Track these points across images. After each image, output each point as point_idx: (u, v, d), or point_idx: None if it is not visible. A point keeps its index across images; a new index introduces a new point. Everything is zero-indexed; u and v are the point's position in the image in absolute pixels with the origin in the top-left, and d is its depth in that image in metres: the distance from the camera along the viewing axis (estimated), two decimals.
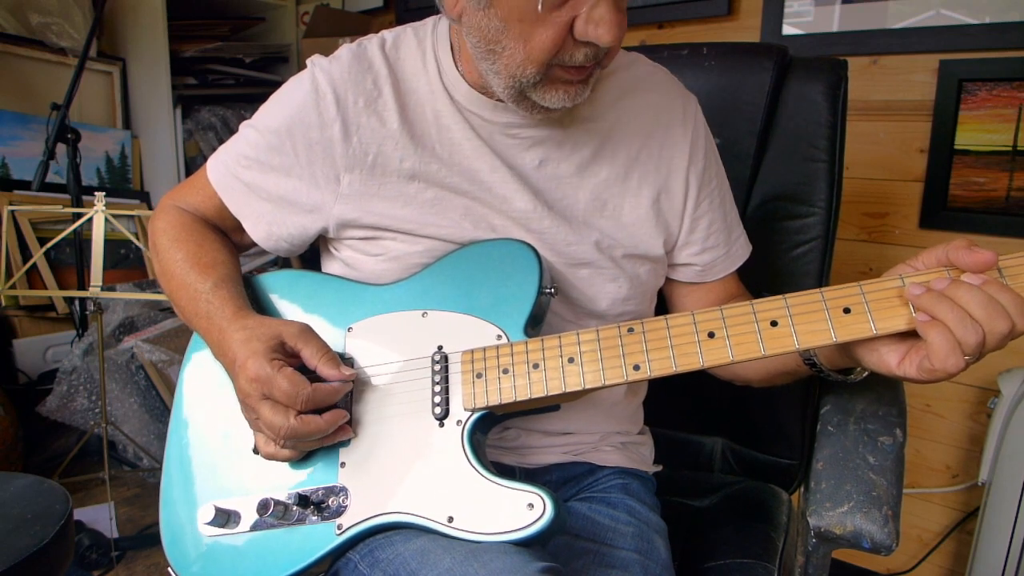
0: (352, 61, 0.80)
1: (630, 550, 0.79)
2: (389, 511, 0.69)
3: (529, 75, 0.69)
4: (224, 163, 0.86)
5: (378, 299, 0.79)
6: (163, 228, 0.86)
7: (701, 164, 0.86)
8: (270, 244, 0.86)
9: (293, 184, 0.81)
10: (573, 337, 0.69)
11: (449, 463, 0.69)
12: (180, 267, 0.82)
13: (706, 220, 0.87)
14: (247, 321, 0.74)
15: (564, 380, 0.68)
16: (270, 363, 0.68)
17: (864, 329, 0.62)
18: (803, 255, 1.05)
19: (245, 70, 2.49)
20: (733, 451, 1.15)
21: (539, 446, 0.85)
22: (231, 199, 0.86)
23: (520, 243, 0.76)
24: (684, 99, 0.88)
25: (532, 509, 0.64)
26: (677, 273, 0.90)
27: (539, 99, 0.71)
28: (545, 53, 0.67)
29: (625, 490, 0.87)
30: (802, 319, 0.63)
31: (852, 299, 0.62)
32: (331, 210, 0.81)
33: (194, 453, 0.80)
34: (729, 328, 0.65)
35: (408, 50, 0.82)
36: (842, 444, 0.75)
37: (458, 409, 0.71)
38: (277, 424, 0.68)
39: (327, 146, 0.79)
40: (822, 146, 1.03)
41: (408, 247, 0.80)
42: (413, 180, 0.79)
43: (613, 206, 0.82)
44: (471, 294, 0.75)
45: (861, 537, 0.65)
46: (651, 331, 0.67)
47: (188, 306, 0.80)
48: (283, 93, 0.84)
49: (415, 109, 0.80)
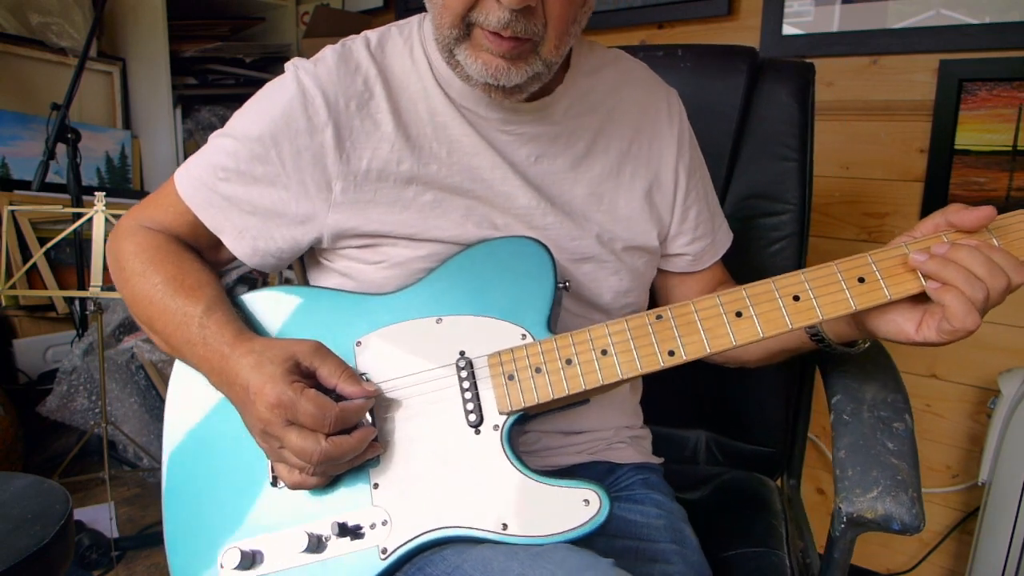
0: (339, 62, 0.77)
1: (667, 542, 0.80)
2: (437, 526, 0.67)
3: (447, 28, 0.68)
4: (197, 177, 0.79)
5: (384, 309, 0.75)
6: (132, 251, 0.79)
7: (688, 156, 0.88)
8: (255, 260, 0.80)
9: (279, 195, 0.77)
10: (602, 329, 0.69)
11: (492, 469, 0.67)
12: (160, 291, 0.75)
13: (694, 210, 0.89)
14: (253, 344, 0.69)
15: (600, 373, 0.68)
16: (291, 386, 0.64)
17: (879, 296, 0.65)
18: (780, 251, 1.10)
19: (245, 70, 2.49)
20: (717, 442, 1.18)
21: (559, 447, 0.85)
22: (208, 215, 0.79)
23: (529, 240, 0.75)
24: (667, 93, 0.90)
25: (588, 505, 0.64)
26: (669, 264, 0.92)
27: (463, 61, 0.70)
28: (459, 3, 0.66)
29: (646, 484, 0.88)
30: (822, 291, 0.66)
31: (863, 269, 0.66)
32: (324, 219, 0.77)
33: (199, 494, 0.74)
34: (755, 306, 0.67)
35: (394, 48, 0.80)
36: (860, 432, 0.77)
37: (493, 414, 0.69)
38: (309, 450, 0.63)
39: (317, 152, 0.75)
40: (793, 145, 1.08)
41: (411, 252, 0.77)
42: (411, 183, 0.77)
43: (609, 200, 0.83)
44: (486, 296, 0.73)
45: (891, 520, 0.68)
46: (680, 316, 0.68)
47: (175, 333, 0.74)
48: (263, 98, 0.79)
49: (408, 109, 0.78)
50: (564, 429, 0.85)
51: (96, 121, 2.36)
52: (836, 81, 1.58)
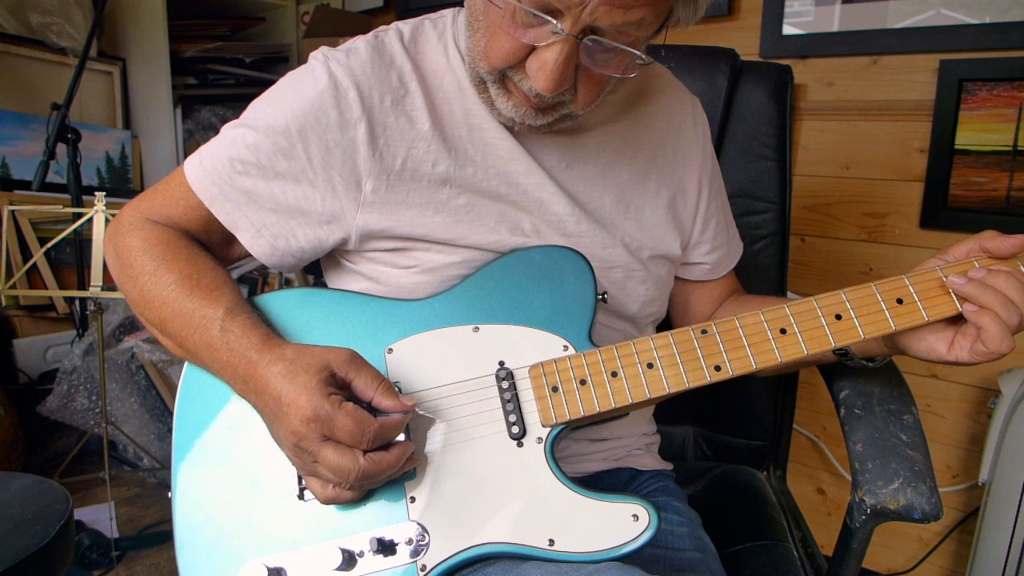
0: (373, 55, 0.73)
1: (691, 550, 0.79)
2: (481, 542, 0.64)
3: (483, 70, 0.68)
4: (212, 169, 0.74)
5: (416, 315, 0.72)
6: (140, 246, 0.73)
7: (710, 165, 0.88)
8: (274, 260, 0.76)
9: (304, 191, 0.73)
10: (647, 343, 0.69)
11: (536, 483, 0.66)
12: (174, 292, 0.70)
13: (715, 220, 0.89)
14: (283, 351, 0.64)
15: (647, 386, 0.68)
16: (327, 400, 0.60)
17: (917, 317, 0.68)
18: (764, 249, 1.14)
19: (245, 70, 2.49)
20: (705, 437, 1.20)
21: (586, 453, 0.84)
22: (224, 210, 0.75)
23: (567, 249, 0.73)
24: (692, 101, 0.89)
25: (637, 521, 0.63)
26: (688, 272, 0.91)
27: (494, 96, 0.70)
28: (498, 59, 0.66)
29: (666, 491, 0.88)
30: (862, 311, 0.68)
31: (902, 291, 0.69)
32: (353, 220, 0.73)
33: (215, 507, 0.69)
34: (799, 324, 0.69)
35: (428, 44, 0.76)
36: (874, 425, 0.78)
37: (536, 426, 0.68)
38: (346, 467, 0.60)
39: (348, 149, 0.71)
40: (773, 145, 1.12)
41: (445, 258, 0.74)
42: (445, 185, 0.74)
43: (635, 208, 0.82)
44: (525, 305, 0.71)
45: (913, 510, 0.70)
46: (724, 332, 0.69)
47: (192, 336, 0.69)
48: (287, 88, 0.74)
49: (443, 108, 0.75)
50: (592, 436, 0.85)
51: (96, 121, 2.36)
52: (836, 81, 1.58)
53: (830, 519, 1.79)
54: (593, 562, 0.63)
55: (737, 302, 0.92)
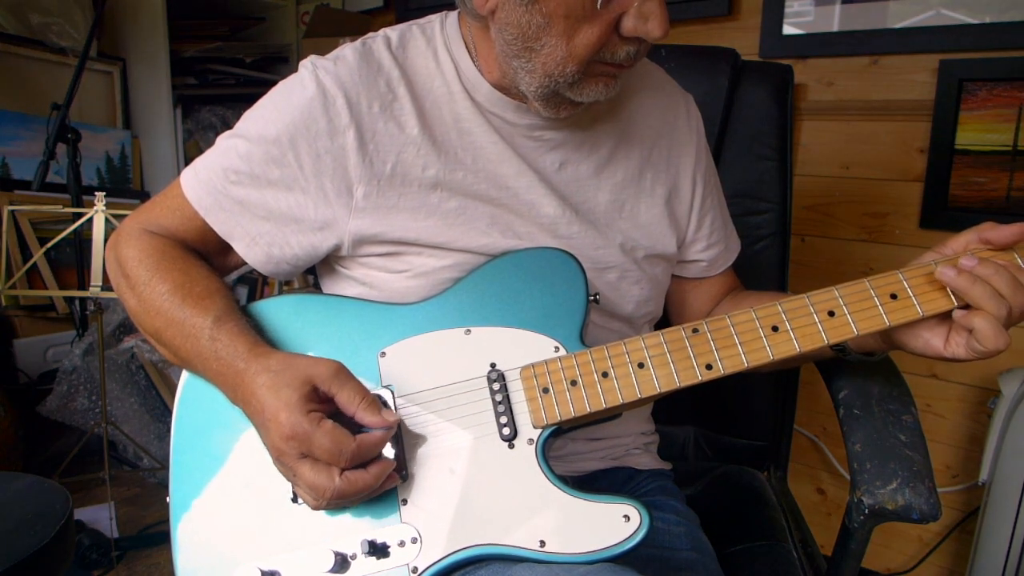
0: (360, 62, 0.74)
1: (688, 550, 0.79)
2: (472, 544, 0.65)
3: (569, 73, 0.67)
4: (206, 180, 0.76)
5: (409, 319, 0.73)
6: (136, 257, 0.75)
7: (704, 162, 0.88)
8: (269, 267, 0.78)
9: (296, 199, 0.74)
10: (638, 343, 0.69)
11: (527, 485, 0.66)
12: (167, 301, 0.71)
13: (710, 217, 0.89)
14: (269, 361, 0.65)
15: (638, 386, 0.67)
16: (307, 417, 0.61)
17: (912, 313, 0.66)
18: (764, 249, 1.13)
19: (245, 70, 2.49)
20: (706, 438, 1.20)
21: (584, 452, 0.85)
22: (219, 220, 0.76)
23: (558, 251, 0.73)
24: (685, 97, 0.89)
25: (628, 521, 0.63)
26: (684, 270, 0.91)
27: (574, 95, 0.69)
28: (589, 50, 0.65)
29: (664, 491, 0.88)
30: (856, 307, 0.67)
31: (895, 286, 0.67)
32: (345, 225, 0.74)
33: (211, 509, 0.70)
34: (791, 321, 0.68)
35: (416, 49, 0.77)
36: (873, 426, 0.78)
37: (527, 427, 0.68)
38: (321, 485, 0.61)
39: (338, 155, 0.72)
40: (774, 145, 1.11)
41: (437, 262, 0.75)
42: (435, 189, 0.74)
43: (630, 207, 0.82)
44: (516, 307, 0.72)
45: (911, 510, 0.69)
46: (716, 330, 0.68)
47: (184, 345, 0.70)
48: (277, 98, 0.75)
49: (432, 112, 0.75)
50: (589, 435, 0.85)
51: (96, 121, 2.37)
52: (836, 81, 1.58)
53: (830, 519, 1.79)
54: (585, 563, 0.63)
55: (736, 299, 0.92)
